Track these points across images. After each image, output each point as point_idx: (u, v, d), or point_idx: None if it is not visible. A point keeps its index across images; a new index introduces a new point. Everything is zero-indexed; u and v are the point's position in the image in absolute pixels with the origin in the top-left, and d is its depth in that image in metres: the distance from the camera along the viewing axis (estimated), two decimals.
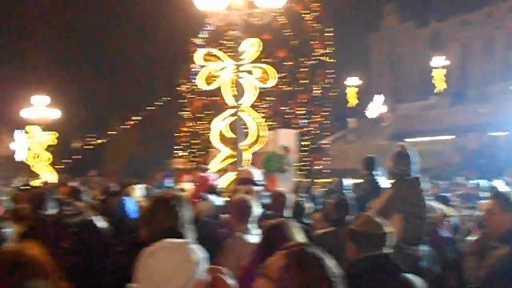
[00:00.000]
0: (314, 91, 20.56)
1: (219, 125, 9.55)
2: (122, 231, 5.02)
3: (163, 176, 10.41)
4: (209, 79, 9.59)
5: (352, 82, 39.23)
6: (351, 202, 4.90)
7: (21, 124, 21.47)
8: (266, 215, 4.52)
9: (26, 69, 55.70)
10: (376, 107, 37.45)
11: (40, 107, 20.21)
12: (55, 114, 20.86)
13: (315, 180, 15.61)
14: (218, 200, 5.92)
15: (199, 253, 1.97)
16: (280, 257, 1.66)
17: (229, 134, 9.25)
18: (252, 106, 10.11)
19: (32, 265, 2.14)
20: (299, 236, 2.97)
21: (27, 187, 14.97)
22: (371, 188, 5.97)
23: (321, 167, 20.50)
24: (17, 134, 24.17)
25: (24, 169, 32.41)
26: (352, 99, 39.87)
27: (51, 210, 5.12)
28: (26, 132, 19.34)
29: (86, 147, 45.17)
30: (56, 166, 21.84)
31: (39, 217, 4.81)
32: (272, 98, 17.98)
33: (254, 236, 3.83)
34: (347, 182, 7.93)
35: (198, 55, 9.72)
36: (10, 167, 41.15)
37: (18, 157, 25.49)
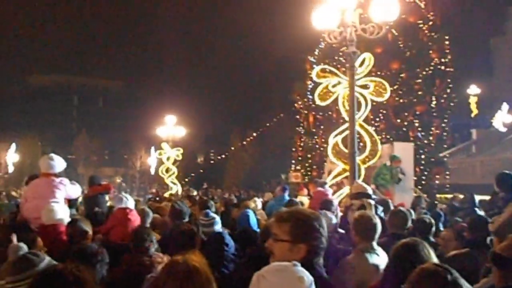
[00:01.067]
0: (431, 102, 19.64)
1: (335, 140, 9.54)
2: (244, 243, 5.11)
3: (282, 190, 10.60)
4: (325, 95, 9.67)
5: (473, 90, 36.51)
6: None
7: (157, 142, 23.31)
8: (385, 232, 4.40)
9: (160, 92, 60.35)
10: (504, 116, 34.08)
11: (170, 126, 21.82)
12: (182, 132, 22.32)
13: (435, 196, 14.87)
14: (333, 215, 5.87)
15: (307, 276, 1.94)
16: (420, 280, 1.56)
17: (344, 149, 9.20)
18: (367, 120, 9.93)
19: (201, 274, 2.31)
20: (433, 257, 2.80)
21: (158, 198, 16.20)
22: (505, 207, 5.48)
23: (440, 182, 19.41)
24: (153, 150, 26.49)
25: (157, 181, 35.04)
26: (474, 109, 37.02)
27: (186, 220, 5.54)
28: (161, 149, 20.91)
29: (208, 161, 47.20)
30: (183, 179, 23.29)
31: (178, 226, 5.03)
32: (386, 111, 17.53)
33: (378, 254, 3.73)
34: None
35: (314, 72, 9.88)
36: (146, 180, 44.82)
37: (153, 170, 27.80)
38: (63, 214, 5.08)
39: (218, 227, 5.17)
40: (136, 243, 4.23)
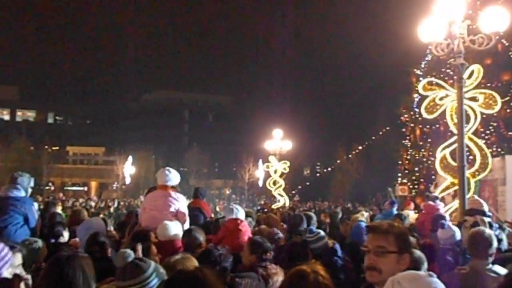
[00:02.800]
0: None
1: (443, 153, 9.33)
2: (353, 253, 5.03)
3: (390, 204, 10.52)
4: (432, 108, 9.52)
5: None
6: None
7: (264, 155, 23.98)
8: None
9: (267, 107, 61.89)
10: None
11: (277, 139, 22.34)
12: (288, 145, 22.74)
13: None
14: (457, 230, 5.68)
15: (441, 286, 1.93)
16: None
17: (453, 162, 8.96)
18: (476, 133, 9.56)
19: (329, 285, 2.36)
20: None
21: (266, 210, 16.68)
22: None
23: None
24: (260, 163, 27.33)
25: (265, 193, 35.88)
26: None
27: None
28: (268, 162, 21.44)
29: (314, 174, 47.08)
30: (290, 191, 23.67)
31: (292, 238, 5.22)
32: (496, 124, 16.47)
33: (495, 270, 3.70)
34: None
35: (421, 85, 9.76)
36: (254, 192, 46.08)
37: (261, 183, 28.61)
38: (177, 229, 5.18)
39: (325, 241, 5.06)
40: (256, 252, 4.19)
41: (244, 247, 4.42)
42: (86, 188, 65.41)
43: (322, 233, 5.13)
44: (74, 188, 64.22)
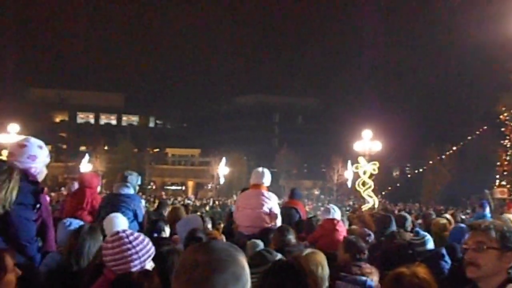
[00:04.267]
0: None
1: None
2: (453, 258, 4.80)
3: (481, 206, 9.89)
4: None
5: None
6: None
7: (353, 156, 23.59)
8: None
9: (356, 108, 60.87)
10: None
11: (366, 140, 21.85)
12: (378, 146, 22.12)
13: None
14: None
15: None
16: None
17: None
18: None
19: None
20: None
21: (356, 210, 16.36)
22: None
23: None
24: (349, 164, 26.90)
25: (353, 194, 35.25)
26: None
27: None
28: (357, 162, 21.04)
29: (405, 175, 45.42)
30: (379, 193, 23.05)
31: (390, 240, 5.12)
32: None
33: None
34: None
35: None
36: (343, 193, 45.46)
37: (349, 184, 28.15)
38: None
39: (430, 245, 4.91)
40: (350, 251, 4.15)
41: (339, 246, 4.40)
42: (183, 188, 68.16)
43: (428, 236, 5.02)
44: (173, 187, 67.20)
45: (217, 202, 31.41)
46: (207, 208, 24.98)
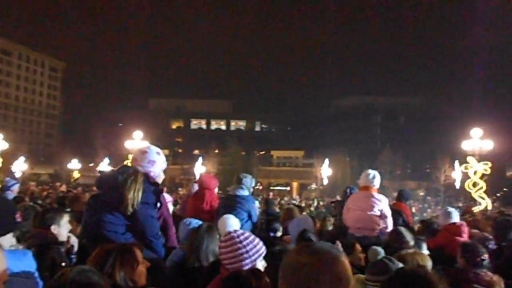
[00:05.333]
0: None
1: None
2: None
3: None
4: None
5: None
6: None
7: (461, 155, 22.04)
8: None
9: (463, 105, 56.95)
10: None
11: (475, 139, 20.28)
12: (489, 145, 20.42)
13: None
14: None
15: None
16: None
17: None
18: None
19: None
20: None
21: (466, 213, 15.16)
22: None
23: None
24: (457, 164, 25.08)
25: (463, 195, 32.84)
26: None
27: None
28: (466, 162, 19.59)
29: None
30: (493, 194, 21.20)
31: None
32: None
33: None
34: None
35: None
36: (451, 194, 42.62)
37: (457, 184, 26.27)
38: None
39: None
40: (467, 256, 3.89)
41: (458, 250, 4.09)
42: (288, 188, 68.62)
43: None
44: (278, 188, 67.94)
45: (321, 203, 31.09)
46: (312, 208, 24.77)
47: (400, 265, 2.89)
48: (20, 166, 36.07)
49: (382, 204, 5.67)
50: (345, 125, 79.05)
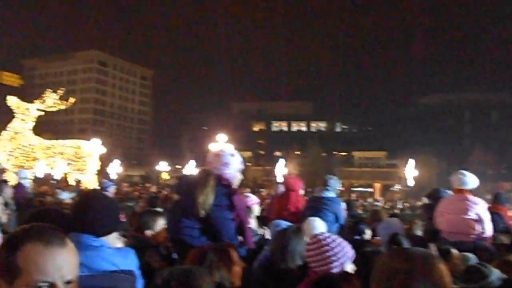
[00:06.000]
0: None
1: None
2: None
3: None
4: None
5: None
6: None
7: None
8: None
9: None
10: None
11: None
12: None
13: None
14: None
15: None
16: None
17: None
18: None
19: None
20: None
21: None
22: None
23: None
24: None
25: None
26: None
27: None
28: None
29: None
30: None
31: None
32: None
33: None
34: None
35: None
36: None
37: None
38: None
39: None
40: None
41: None
42: (370, 190, 66.84)
43: None
44: (360, 189, 66.39)
45: (406, 205, 29.84)
46: (396, 210, 23.86)
47: (497, 272, 2.68)
48: (115, 169, 38.54)
49: (479, 208, 5.27)
50: (431, 123, 75.35)
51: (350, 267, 2.77)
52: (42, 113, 18.73)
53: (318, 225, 4.15)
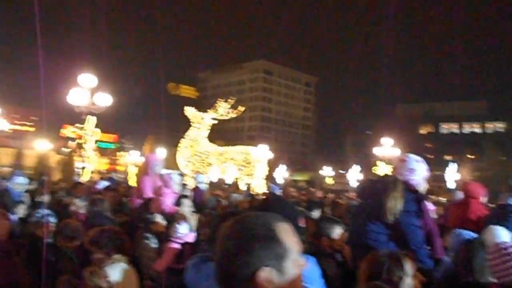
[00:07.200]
0: None
1: None
2: None
3: None
4: None
5: None
6: None
7: None
8: None
9: None
10: None
11: None
12: None
13: None
14: None
15: None
16: None
17: None
18: None
19: None
20: None
21: None
22: None
23: None
24: None
25: None
26: None
27: None
28: None
29: None
30: None
31: None
32: None
33: None
34: None
35: None
36: None
37: None
38: None
39: None
40: None
41: None
42: None
43: None
44: None
45: None
46: None
47: None
48: (281, 173, 40.12)
49: None
50: None
51: None
52: (215, 121, 19.95)
53: (502, 234, 3.74)
